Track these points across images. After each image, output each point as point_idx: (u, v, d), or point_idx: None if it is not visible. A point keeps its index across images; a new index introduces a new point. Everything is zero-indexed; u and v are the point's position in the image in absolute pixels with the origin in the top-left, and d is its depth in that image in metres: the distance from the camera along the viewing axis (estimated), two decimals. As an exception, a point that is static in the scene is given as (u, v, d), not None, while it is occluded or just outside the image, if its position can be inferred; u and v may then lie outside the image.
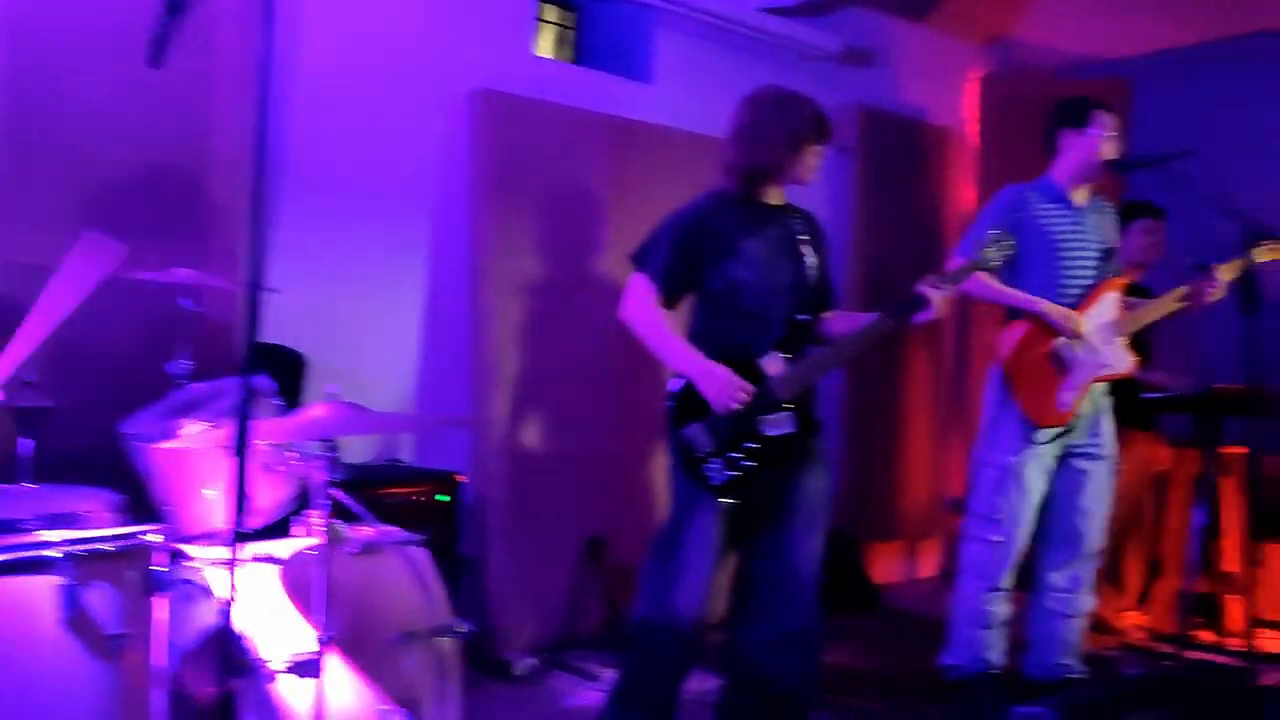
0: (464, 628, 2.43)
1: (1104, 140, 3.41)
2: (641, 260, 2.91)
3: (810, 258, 2.90)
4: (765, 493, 2.81)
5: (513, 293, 3.95)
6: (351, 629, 2.28)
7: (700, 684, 3.49)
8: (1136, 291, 4.36)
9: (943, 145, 5.65)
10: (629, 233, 4.04)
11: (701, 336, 2.87)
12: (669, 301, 2.89)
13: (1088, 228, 3.47)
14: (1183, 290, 3.47)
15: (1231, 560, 4.54)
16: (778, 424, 2.73)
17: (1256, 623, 4.52)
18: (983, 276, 3.45)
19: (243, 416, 1.67)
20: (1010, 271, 3.51)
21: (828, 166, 5.18)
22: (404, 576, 2.42)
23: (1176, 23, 5.42)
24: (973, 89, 5.83)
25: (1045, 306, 3.38)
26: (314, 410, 2.09)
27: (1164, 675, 1.95)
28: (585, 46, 4.80)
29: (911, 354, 5.45)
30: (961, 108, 5.86)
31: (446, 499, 3.57)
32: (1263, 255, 3.35)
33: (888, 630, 4.40)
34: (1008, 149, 5.46)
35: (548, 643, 3.87)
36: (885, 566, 5.53)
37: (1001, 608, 3.48)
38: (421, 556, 2.49)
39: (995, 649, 3.50)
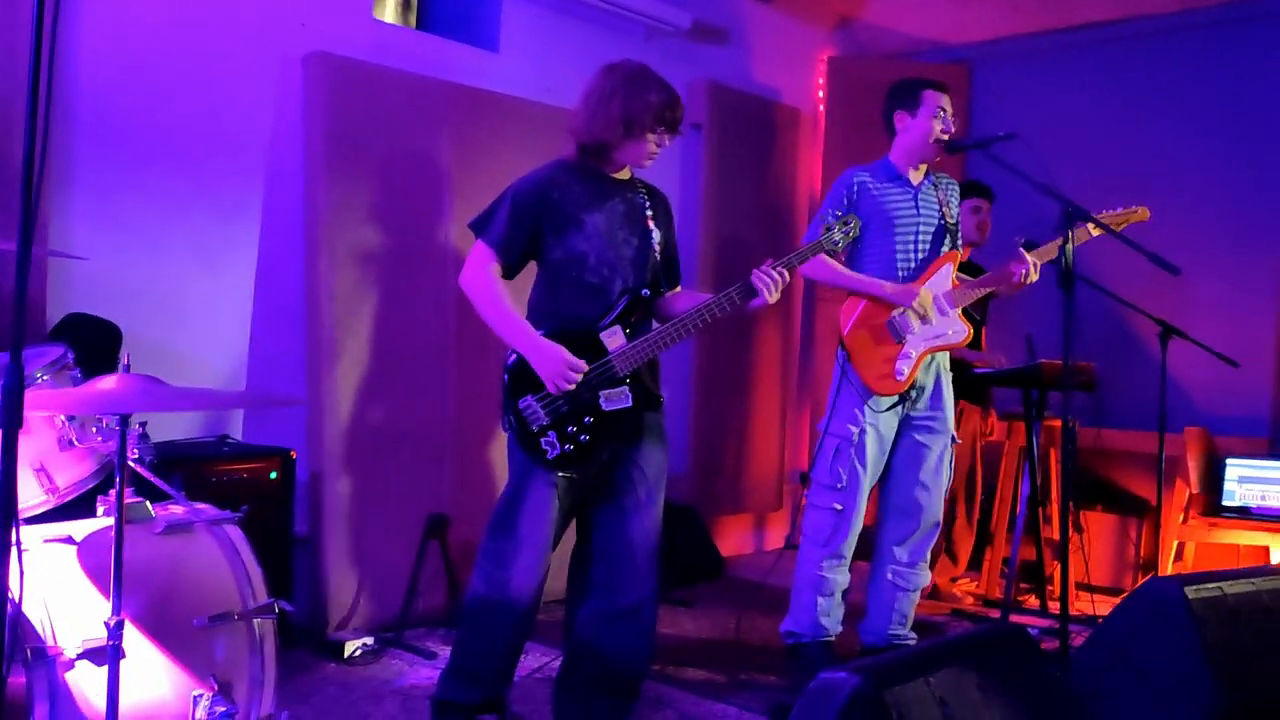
0: (282, 607, 2.34)
1: (935, 120, 3.49)
2: (480, 228, 2.86)
3: (656, 234, 2.88)
4: (602, 467, 2.81)
5: (351, 263, 3.83)
6: (157, 611, 2.17)
7: (538, 660, 3.49)
8: (968, 270, 4.51)
9: (793, 125, 5.73)
10: (472, 203, 3.95)
11: (543, 307, 2.84)
12: (509, 271, 2.85)
13: (923, 205, 3.56)
14: (991, 278, 3.57)
15: (1056, 528, 4.76)
16: (615, 398, 2.72)
17: (1078, 587, 4.80)
18: (825, 260, 3.51)
19: (13, 389, 1.55)
20: (851, 251, 3.59)
21: (680, 142, 5.24)
22: (215, 556, 2.32)
23: (1014, 11, 5.61)
24: (821, 70, 5.92)
25: (886, 288, 3.45)
26: (103, 382, 1.97)
27: (967, 637, 2.02)
28: (431, 12, 4.68)
29: (761, 330, 5.52)
30: (811, 88, 5.96)
31: (276, 476, 3.45)
32: (1082, 235, 3.49)
33: (732, 601, 4.45)
34: (854, 129, 5.58)
35: (388, 621, 3.79)
36: (734, 539, 5.62)
37: (840, 576, 3.56)
38: (236, 535, 2.38)
39: (832, 616, 3.58)
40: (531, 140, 4.17)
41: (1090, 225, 3.40)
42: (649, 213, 2.89)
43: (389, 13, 4.58)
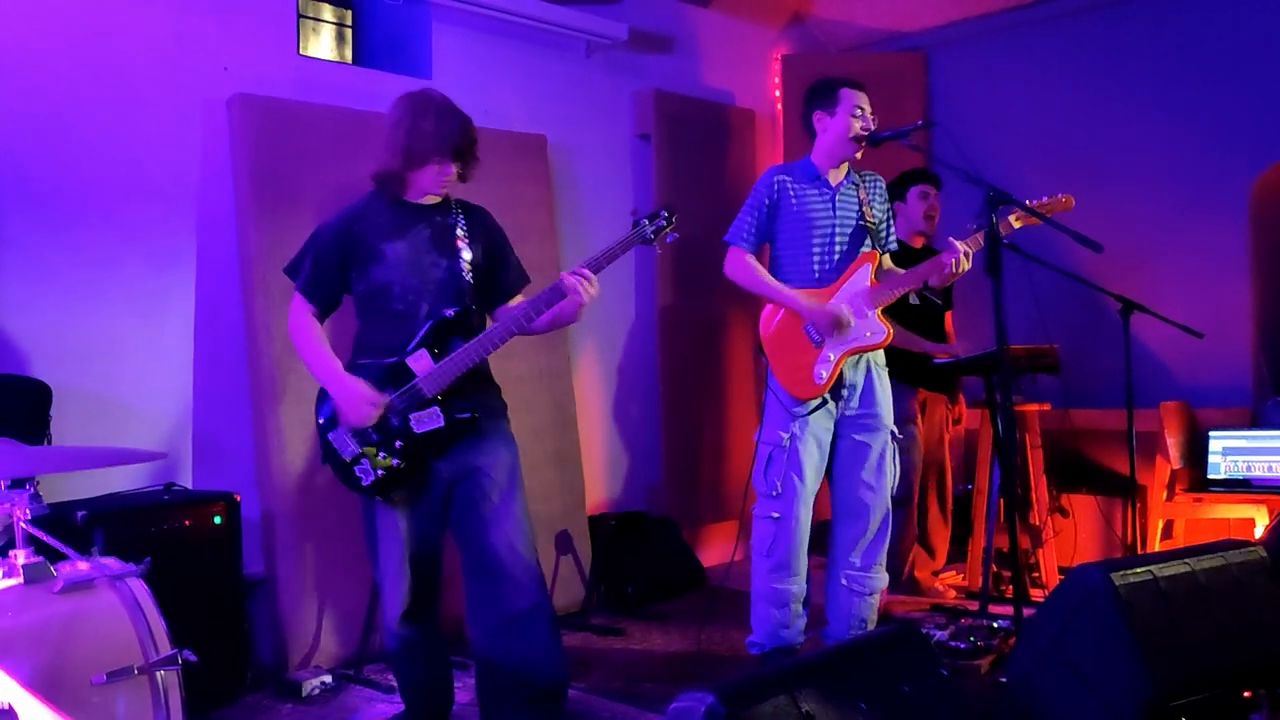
0: (185, 658, 2.33)
1: (853, 118, 3.45)
2: (292, 274, 2.94)
3: (467, 253, 2.87)
4: (428, 486, 2.81)
5: (288, 301, 3.75)
6: (54, 672, 2.16)
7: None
8: (926, 255, 4.45)
9: (748, 126, 5.69)
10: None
11: (360, 338, 2.90)
12: (326, 309, 2.92)
13: (841, 206, 3.51)
14: (909, 276, 3.51)
15: (1036, 514, 4.68)
16: (426, 420, 2.75)
17: (1062, 571, 4.71)
18: (749, 263, 3.48)
19: None
20: (770, 253, 3.56)
21: (630, 154, 5.23)
22: (116, 611, 2.31)
23: (963, -7, 5.56)
24: (777, 69, 5.88)
25: (799, 303, 3.41)
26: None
27: (852, 644, 1.97)
28: (365, 45, 4.68)
29: (728, 336, 5.48)
30: (768, 88, 5.91)
31: (221, 521, 3.45)
32: (1005, 227, 3.46)
33: (708, 611, 4.40)
34: (810, 126, 5.53)
35: (348, 657, 3.78)
36: (718, 547, 5.56)
37: (791, 586, 3.51)
38: (139, 587, 2.37)
39: (792, 627, 3.54)
40: (468, 164, 4.16)
41: (1013, 217, 3.39)
42: (460, 233, 2.88)
43: (324, 49, 4.59)
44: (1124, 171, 5.22)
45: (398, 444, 2.74)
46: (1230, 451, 4.85)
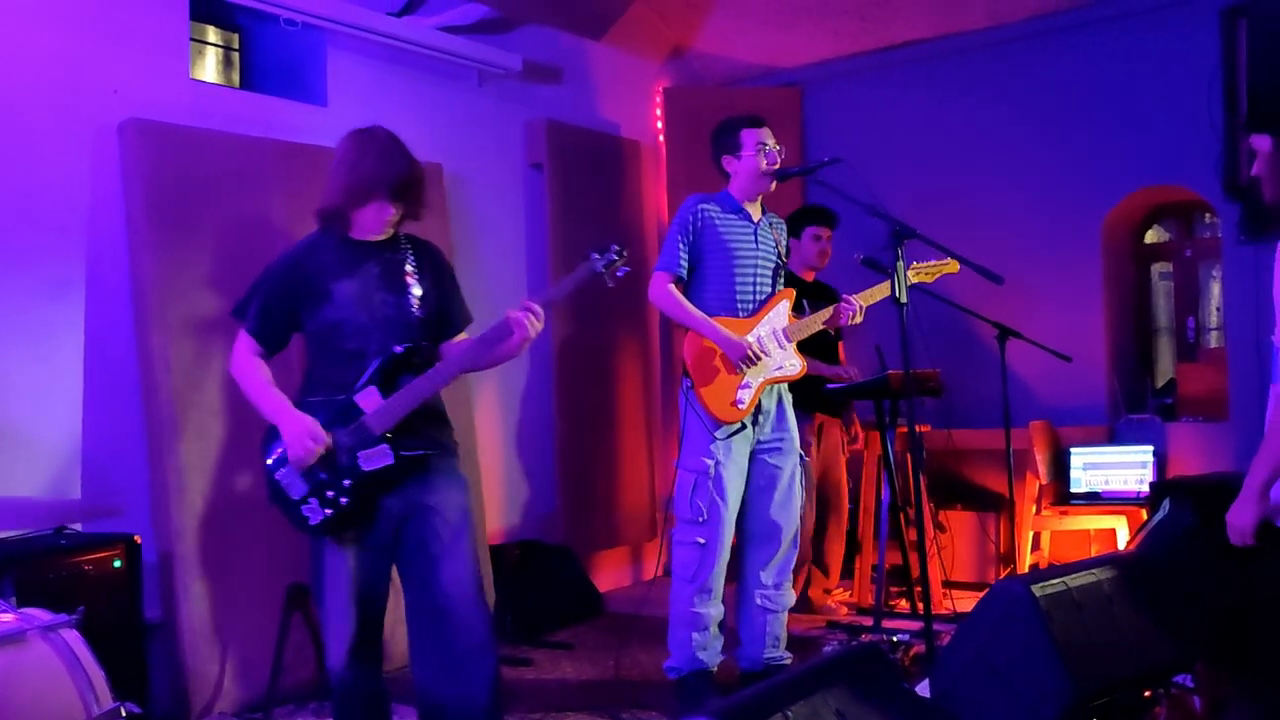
0: (128, 710, 2.23)
1: (759, 155, 3.58)
2: (240, 315, 2.88)
3: (417, 289, 2.84)
4: (377, 524, 2.76)
5: (187, 334, 3.70)
6: (-12, 732, 2.05)
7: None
8: (816, 291, 4.64)
9: (634, 157, 5.79)
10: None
11: (310, 376, 2.85)
12: (273, 348, 2.87)
13: (762, 240, 3.65)
14: (825, 314, 3.71)
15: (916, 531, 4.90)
16: (374, 457, 2.70)
17: (945, 585, 4.95)
18: (671, 291, 3.57)
19: None
20: (692, 280, 3.64)
21: (523, 183, 5.26)
22: (53, 665, 2.20)
23: (836, 35, 5.81)
24: (658, 101, 6.01)
25: (720, 334, 3.51)
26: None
27: (823, 663, 2.06)
28: (254, 70, 4.57)
29: (619, 361, 5.55)
30: (650, 120, 6.04)
31: (121, 564, 3.29)
32: (916, 277, 3.67)
33: (613, 638, 4.43)
34: (692, 157, 5.66)
35: (255, 700, 3.65)
36: (611, 572, 5.61)
37: (712, 609, 3.58)
38: (73, 638, 2.27)
39: (709, 649, 3.60)
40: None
41: (910, 272, 3.65)
42: (409, 268, 2.86)
43: (209, 72, 4.46)
44: (990, 206, 5.55)
45: (346, 482, 2.69)
46: (1090, 466, 5.21)
